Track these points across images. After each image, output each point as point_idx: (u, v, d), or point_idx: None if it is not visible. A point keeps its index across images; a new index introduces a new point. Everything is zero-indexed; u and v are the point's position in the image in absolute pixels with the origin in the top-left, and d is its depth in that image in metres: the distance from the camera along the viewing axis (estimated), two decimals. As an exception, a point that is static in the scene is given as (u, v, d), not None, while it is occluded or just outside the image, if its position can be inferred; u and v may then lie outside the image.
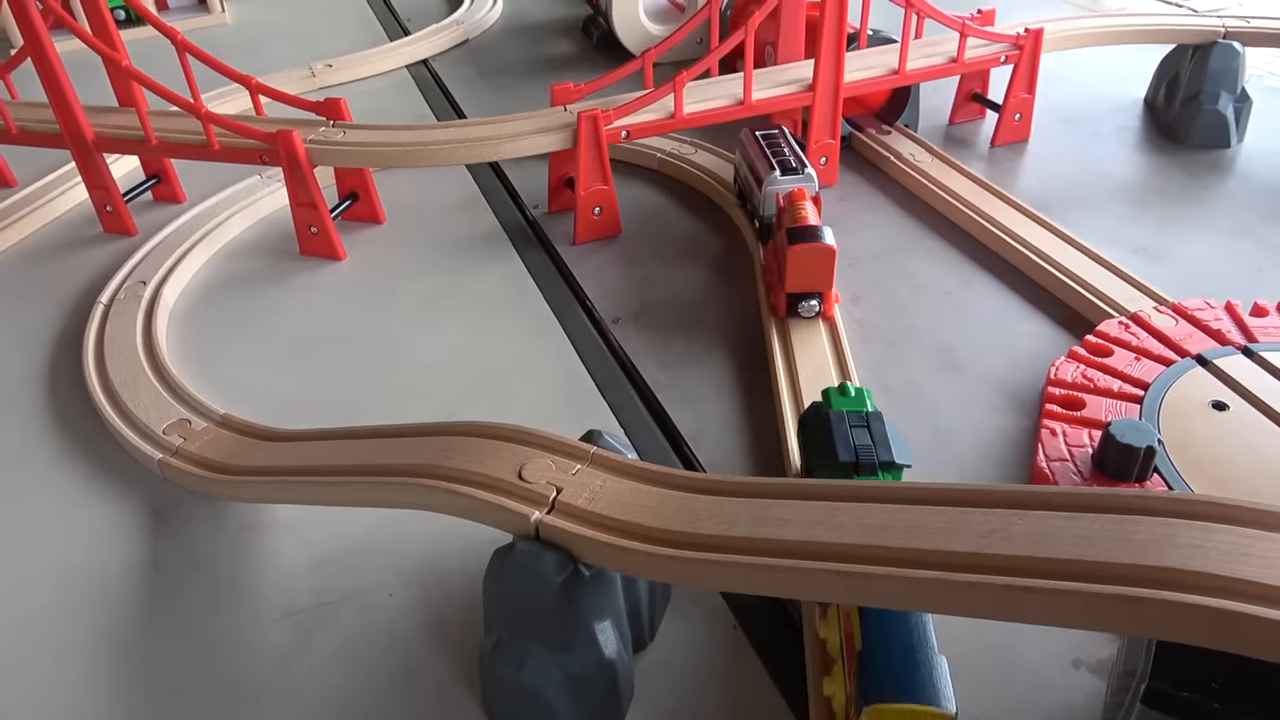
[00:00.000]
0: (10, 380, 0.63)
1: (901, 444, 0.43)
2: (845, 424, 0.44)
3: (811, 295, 0.55)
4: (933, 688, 0.31)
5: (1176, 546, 0.28)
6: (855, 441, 0.43)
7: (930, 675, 0.32)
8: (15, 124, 0.78)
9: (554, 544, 0.37)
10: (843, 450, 0.42)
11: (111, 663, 0.44)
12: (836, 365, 0.56)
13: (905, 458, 0.42)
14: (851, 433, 0.44)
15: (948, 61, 0.79)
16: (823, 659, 0.38)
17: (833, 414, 0.45)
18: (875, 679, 0.32)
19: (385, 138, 0.71)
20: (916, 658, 0.32)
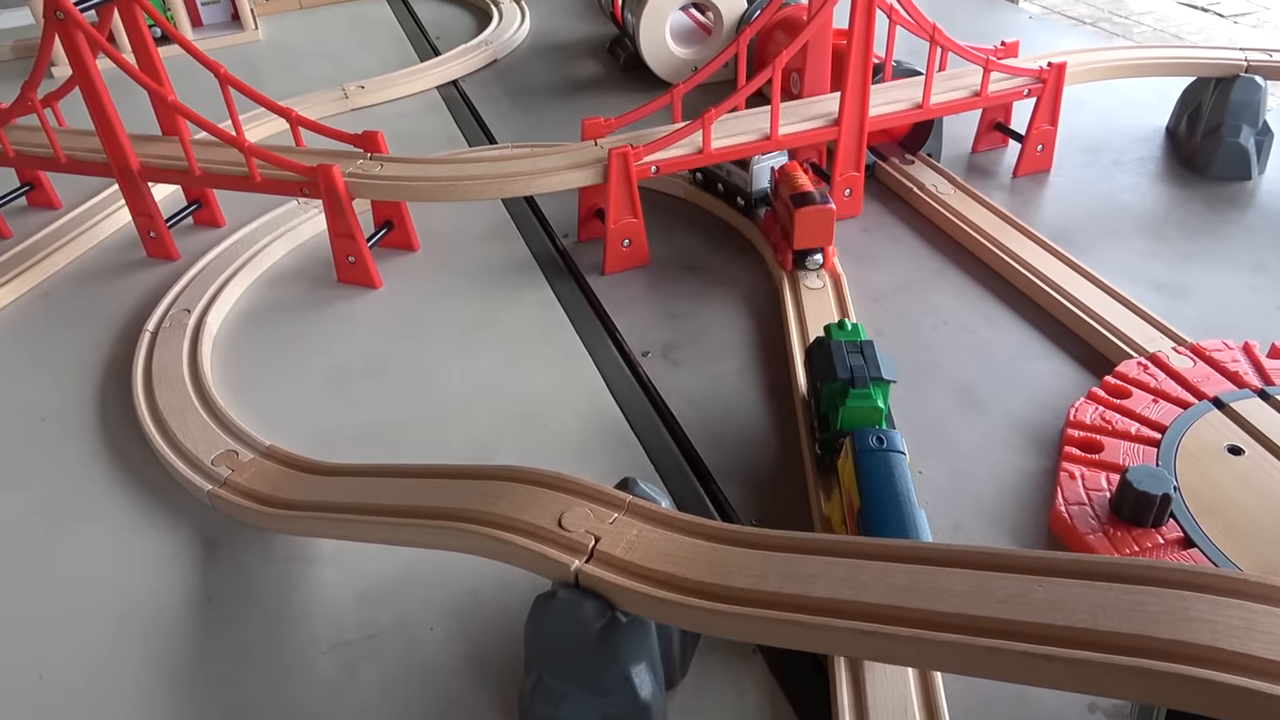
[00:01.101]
0: (65, 407, 0.66)
1: (889, 364, 0.53)
2: (843, 350, 0.53)
3: (815, 250, 0.66)
4: (915, 530, 0.41)
5: (1187, 620, 0.29)
6: (850, 363, 0.52)
7: (914, 521, 0.42)
8: (64, 153, 0.81)
9: (593, 592, 0.39)
10: (840, 369, 0.52)
11: (168, 693, 0.46)
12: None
13: (891, 374, 0.52)
14: (848, 356, 0.53)
15: (971, 95, 0.80)
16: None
17: (833, 342, 0.54)
18: (871, 524, 0.42)
19: (421, 172, 0.73)
20: (902, 510, 0.42)
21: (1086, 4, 4.20)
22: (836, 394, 0.52)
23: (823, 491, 0.52)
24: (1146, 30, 3.96)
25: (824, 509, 0.50)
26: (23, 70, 1.30)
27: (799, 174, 0.69)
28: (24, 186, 0.91)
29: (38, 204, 0.92)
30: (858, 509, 0.43)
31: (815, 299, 0.66)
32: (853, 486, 0.45)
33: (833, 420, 0.52)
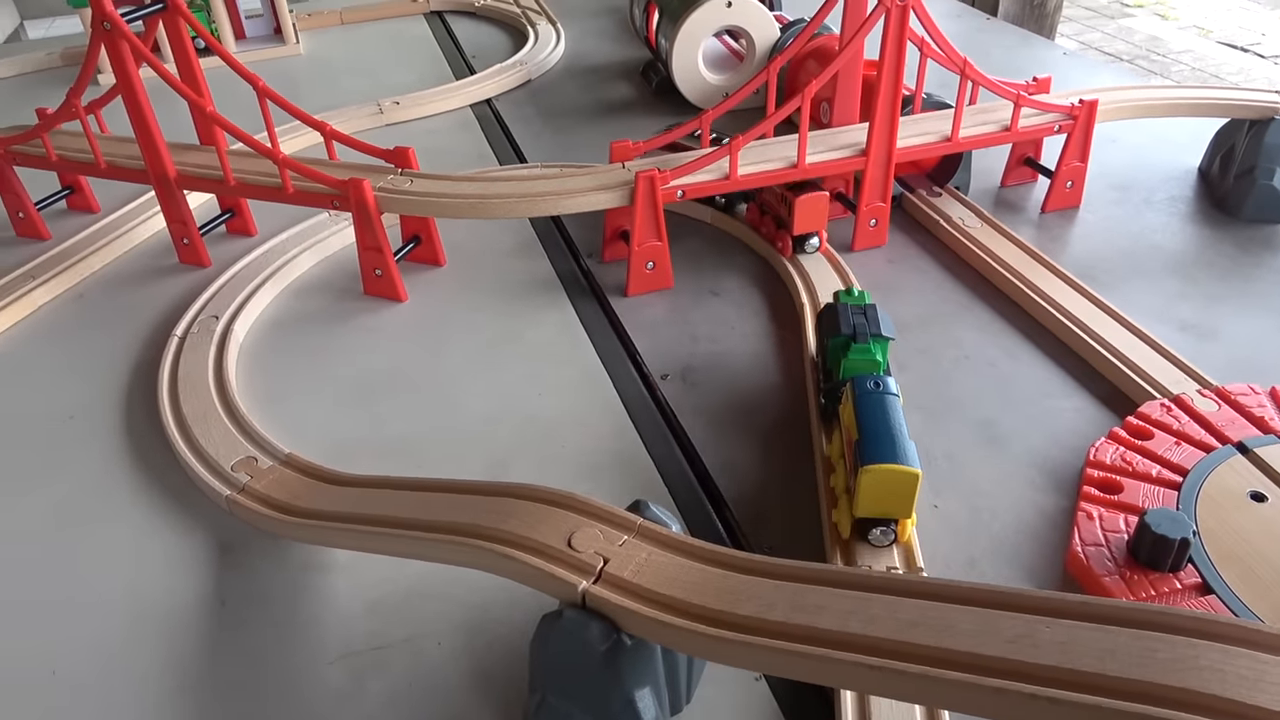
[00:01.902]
0: (93, 407, 0.67)
1: (888, 323, 0.60)
2: (849, 311, 0.61)
3: (812, 235, 0.76)
4: (906, 456, 0.47)
5: (1197, 668, 0.29)
6: (854, 321, 0.60)
7: (905, 449, 0.48)
8: (104, 159, 0.82)
9: (599, 614, 0.39)
10: (844, 326, 0.59)
11: (178, 694, 0.47)
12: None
13: (890, 332, 0.59)
14: (852, 316, 0.60)
15: (1001, 130, 0.80)
16: (828, 479, 0.55)
17: (840, 305, 0.62)
18: (867, 452, 0.48)
19: (450, 189, 0.74)
20: (895, 439, 0.48)
21: (1124, 41, 4.17)
22: (840, 348, 0.59)
23: (824, 434, 0.58)
24: (1185, 69, 3.91)
25: (825, 449, 0.57)
26: (70, 77, 1.33)
27: None
28: (64, 190, 0.93)
29: (77, 207, 0.94)
30: (854, 440, 0.49)
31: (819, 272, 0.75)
32: (851, 424, 0.51)
33: (836, 372, 0.59)
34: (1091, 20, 4.32)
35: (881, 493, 0.48)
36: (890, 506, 0.48)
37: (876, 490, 0.48)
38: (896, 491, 0.48)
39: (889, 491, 0.48)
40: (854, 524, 0.50)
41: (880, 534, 0.50)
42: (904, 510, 0.49)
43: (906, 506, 0.48)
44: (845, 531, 0.51)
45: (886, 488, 0.48)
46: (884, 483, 0.47)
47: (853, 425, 0.50)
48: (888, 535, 0.50)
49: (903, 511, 0.49)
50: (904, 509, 0.49)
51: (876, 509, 0.49)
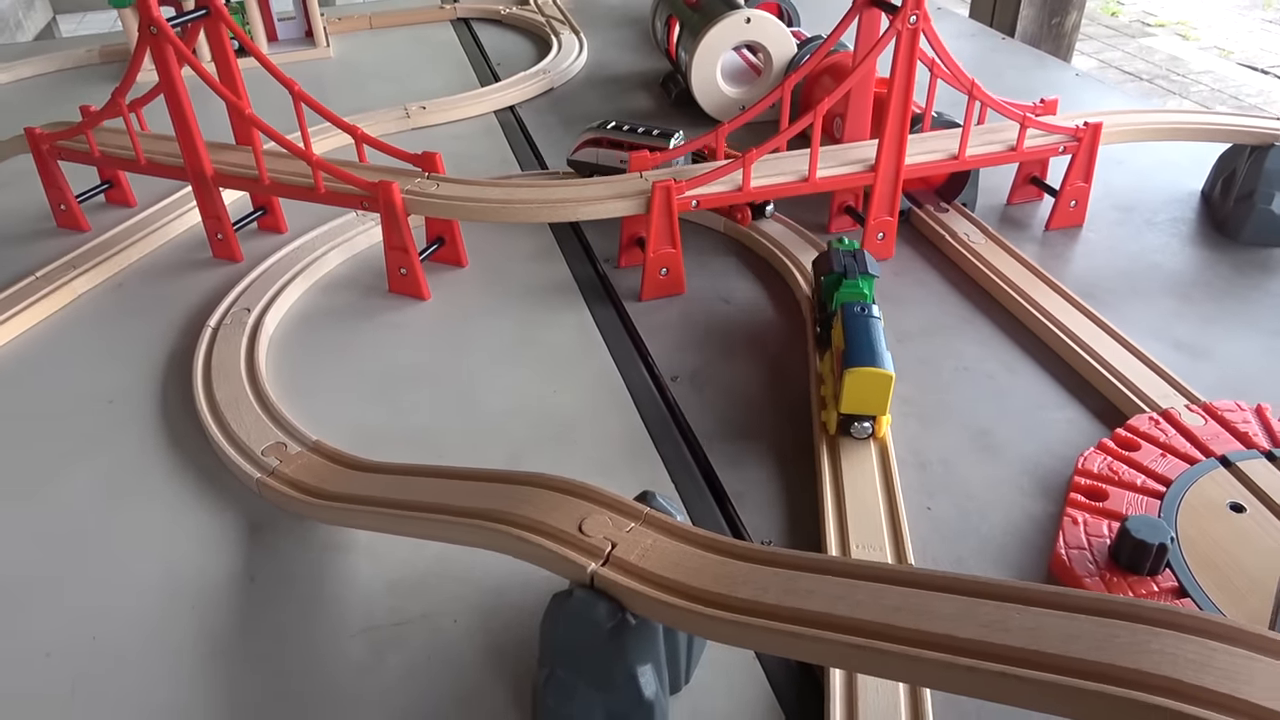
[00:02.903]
0: (131, 392, 0.71)
1: (874, 264, 0.69)
2: (840, 254, 0.69)
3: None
4: (883, 362, 0.57)
5: (1149, 652, 0.31)
6: (845, 262, 0.68)
7: (882, 357, 0.57)
8: (144, 156, 0.86)
9: (606, 594, 0.42)
10: (836, 265, 0.68)
11: (211, 662, 0.50)
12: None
13: (875, 270, 0.68)
14: (843, 258, 0.69)
15: (1006, 149, 0.83)
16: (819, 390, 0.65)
17: (832, 249, 0.70)
18: (851, 358, 0.57)
19: (474, 193, 0.78)
20: (875, 350, 0.58)
21: (1145, 60, 4.17)
22: (833, 284, 0.67)
23: (818, 355, 0.68)
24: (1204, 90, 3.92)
25: (818, 367, 0.67)
26: (106, 73, 1.38)
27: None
28: (104, 184, 0.97)
29: (115, 201, 0.98)
30: (841, 350, 0.59)
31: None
32: (840, 342, 0.61)
33: (830, 304, 0.67)
34: (1112, 39, 4.33)
35: (862, 392, 0.58)
36: (869, 404, 0.59)
37: (858, 389, 0.58)
38: (874, 391, 0.58)
39: (868, 391, 0.58)
40: (839, 420, 0.59)
41: (860, 427, 0.60)
42: (880, 407, 0.59)
43: (882, 404, 0.58)
44: (832, 428, 0.60)
45: (866, 387, 0.58)
46: (864, 383, 0.57)
47: (840, 339, 0.60)
48: (866, 429, 0.60)
49: (879, 408, 0.59)
50: (880, 406, 0.59)
51: (858, 406, 0.59)
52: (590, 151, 0.89)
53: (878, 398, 0.58)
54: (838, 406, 0.59)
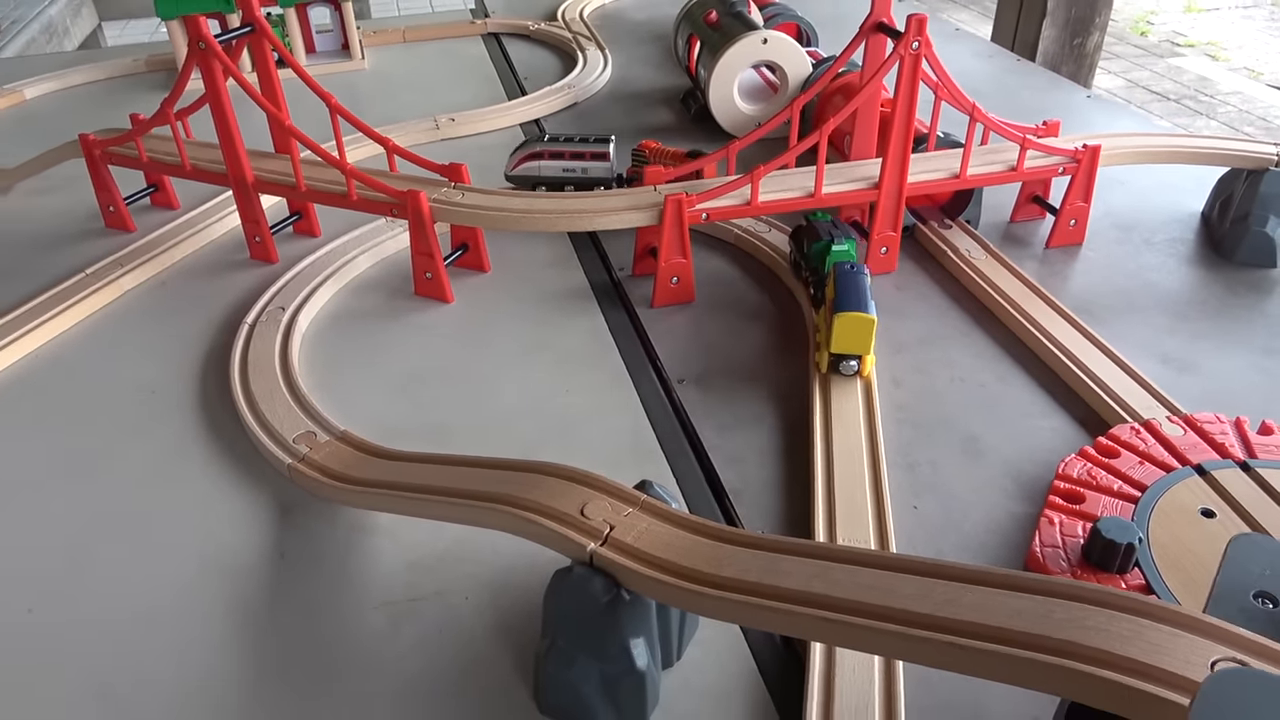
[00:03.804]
0: (172, 383, 0.76)
1: (851, 234, 0.80)
2: (823, 224, 0.80)
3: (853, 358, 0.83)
4: (868, 308, 0.67)
5: (1085, 627, 0.35)
6: (830, 231, 0.79)
7: (868, 305, 0.67)
8: (189, 162, 0.92)
9: (603, 571, 0.46)
10: (824, 234, 0.78)
11: (242, 629, 0.55)
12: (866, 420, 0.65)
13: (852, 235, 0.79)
14: (827, 227, 0.80)
15: (1007, 169, 0.86)
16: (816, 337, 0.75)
17: (815, 222, 0.81)
18: (840, 305, 0.67)
19: (497, 203, 0.82)
20: (862, 298, 0.68)
21: (1173, 80, 4.17)
22: (823, 249, 0.77)
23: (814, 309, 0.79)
24: (1232, 110, 3.91)
25: (815, 320, 0.77)
26: (152, 82, 1.45)
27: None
28: (149, 188, 1.02)
29: (159, 204, 1.04)
30: (832, 299, 0.69)
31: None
32: (832, 294, 0.70)
33: (822, 267, 0.77)
34: (1141, 59, 4.33)
35: (850, 334, 0.67)
36: (855, 344, 0.68)
37: (846, 331, 0.67)
38: (860, 332, 0.67)
39: (855, 332, 0.67)
40: (830, 359, 0.69)
41: (848, 365, 0.69)
42: (865, 348, 0.68)
43: (867, 344, 0.68)
44: (824, 367, 0.70)
45: (853, 330, 0.67)
46: (851, 325, 0.67)
47: (833, 292, 0.70)
48: (853, 367, 0.69)
49: (864, 349, 0.68)
50: (865, 347, 0.68)
51: (846, 346, 0.68)
52: (532, 165, 0.94)
53: (862, 339, 0.68)
54: (829, 347, 0.69)
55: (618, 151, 0.95)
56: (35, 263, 0.93)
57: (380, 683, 0.51)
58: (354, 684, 0.51)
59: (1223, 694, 0.27)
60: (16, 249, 0.97)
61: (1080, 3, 2.10)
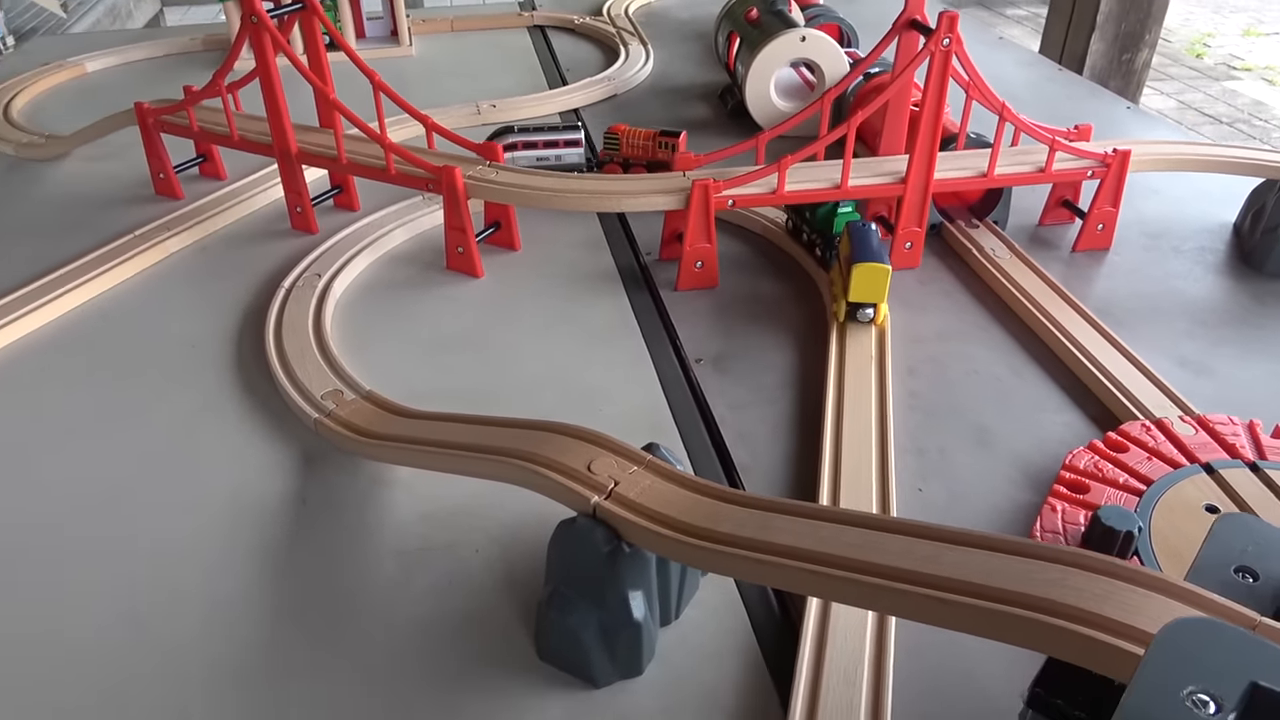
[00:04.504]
0: (211, 342, 0.79)
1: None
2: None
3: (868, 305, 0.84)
4: (883, 259, 0.73)
5: (1060, 586, 0.36)
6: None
7: (882, 257, 0.73)
8: (238, 133, 0.95)
9: (606, 523, 0.48)
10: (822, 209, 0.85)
11: (264, 568, 0.57)
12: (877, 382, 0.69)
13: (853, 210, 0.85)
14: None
15: (1035, 170, 0.87)
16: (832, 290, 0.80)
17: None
18: (857, 257, 0.73)
19: (529, 181, 0.84)
20: (876, 251, 0.74)
21: (1227, 104, 4.10)
22: (829, 212, 0.84)
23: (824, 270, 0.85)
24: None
25: (830, 277, 0.82)
26: (208, 59, 1.50)
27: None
28: (199, 158, 1.06)
29: (207, 174, 1.07)
30: (848, 255, 0.75)
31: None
32: (847, 248, 0.76)
33: (830, 229, 0.83)
34: (1195, 80, 4.27)
35: (866, 283, 0.73)
36: (871, 293, 0.74)
37: (863, 280, 0.73)
38: (875, 282, 0.73)
39: (871, 282, 0.73)
40: (847, 308, 0.75)
41: (864, 313, 0.75)
42: (880, 296, 0.74)
43: (881, 293, 0.74)
44: (841, 316, 0.76)
45: (869, 279, 0.73)
46: (868, 275, 0.73)
47: (848, 248, 0.75)
48: (869, 315, 0.75)
49: (879, 297, 0.74)
50: (880, 295, 0.74)
51: (862, 295, 0.74)
52: (507, 156, 0.95)
53: (878, 287, 0.73)
54: (846, 297, 0.74)
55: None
56: (89, 223, 0.97)
57: (389, 625, 0.54)
58: (364, 624, 0.54)
59: (1176, 639, 0.28)
60: (72, 209, 1.01)
61: (1131, 18, 2.09)
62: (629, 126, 1.01)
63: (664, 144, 0.99)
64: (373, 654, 0.52)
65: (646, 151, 1.00)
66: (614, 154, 0.99)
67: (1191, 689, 0.27)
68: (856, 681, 0.48)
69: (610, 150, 1.00)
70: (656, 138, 0.99)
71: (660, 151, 0.99)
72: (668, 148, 0.99)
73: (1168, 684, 0.27)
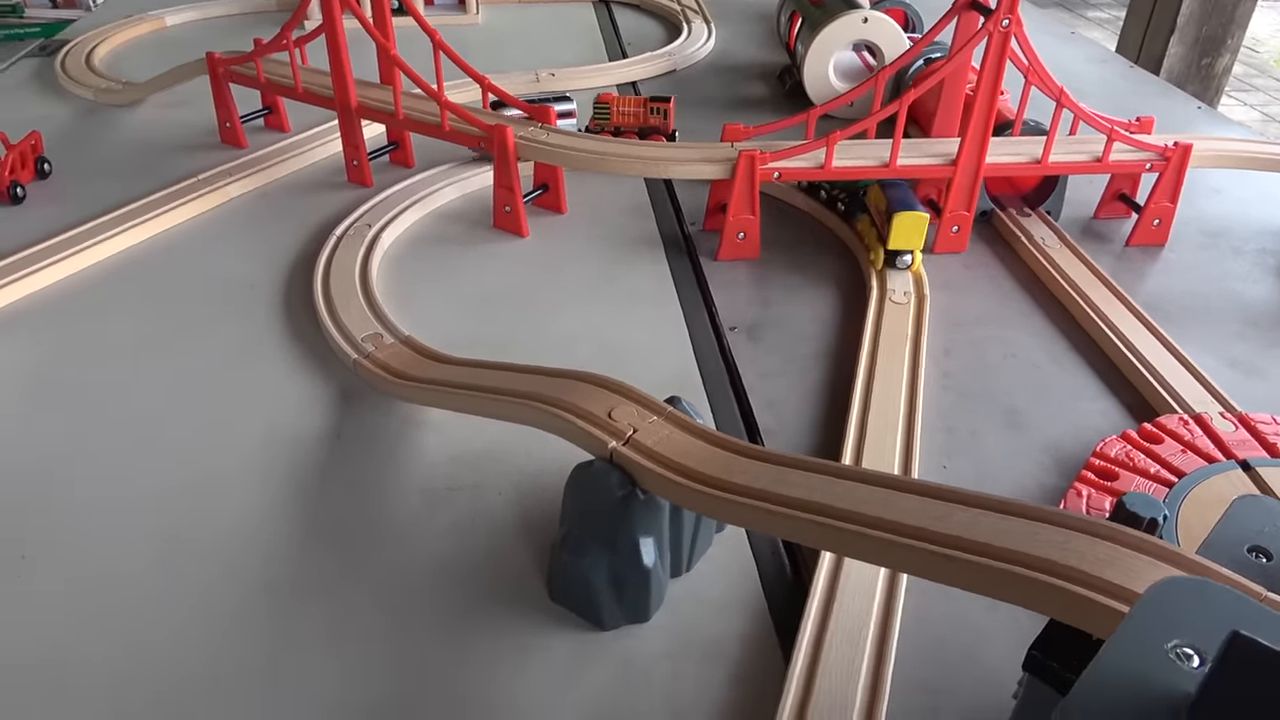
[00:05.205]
0: (263, 283, 0.81)
1: None
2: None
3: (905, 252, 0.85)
4: (919, 208, 0.78)
5: (1064, 548, 0.36)
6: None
7: (917, 206, 0.78)
8: (302, 85, 0.98)
9: (622, 468, 0.49)
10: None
11: (294, 497, 0.59)
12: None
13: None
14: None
15: (1092, 160, 0.85)
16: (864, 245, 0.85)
17: None
18: (895, 206, 0.78)
19: (577, 144, 0.85)
20: (912, 202, 0.79)
21: (1314, 118, 3.92)
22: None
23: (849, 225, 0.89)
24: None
25: (858, 228, 0.87)
26: (281, 19, 1.52)
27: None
28: (264, 109, 1.09)
29: (272, 126, 1.10)
30: (884, 208, 0.80)
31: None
32: (879, 199, 0.82)
33: (853, 184, 0.88)
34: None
35: (905, 230, 0.78)
36: (909, 240, 0.79)
37: (903, 228, 0.78)
38: (914, 229, 0.78)
39: (909, 229, 0.78)
40: (885, 255, 0.80)
41: (902, 260, 0.80)
42: (918, 243, 0.79)
43: (919, 240, 0.79)
44: (879, 264, 0.80)
45: (908, 227, 0.78)
46: (907, 223, 0.78)
47: (880, 200, 0.81)
48: (907, 261, 0.80)
49: (917, 244, 0.79)
50: (918, 242, 0.79)
51: (901, 242, 0.79)
52: None
53: (916, 234, 0.78)
54: (885, 245, 0.79)
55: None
56: (157, 165, 1.00)
57: (411, 557, 0.55)
58: (386, 554, 0.55)
59: (1165, 596, 0.28)
60: (143, 153, 1.05)
61: (1212, 21, 2.02)
62: (616, 94, 1.03)
63: (655, 110, 1.00)
64: (391, 581, 0.54)
65: (637, 119, 1.01)
66: (604, 123, 1.00)
67: (1176, 643, 0.27)
68: (860, 642, 0.48)
69: (600, 120, 1.00)
70: (647, 104, 1.00)
71: (652, 118, 1.00)
72: (659, 114, 1.00)
73: (1150, 637, 0.27)
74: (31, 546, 0.56)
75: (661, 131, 1.00)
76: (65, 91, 1.23)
